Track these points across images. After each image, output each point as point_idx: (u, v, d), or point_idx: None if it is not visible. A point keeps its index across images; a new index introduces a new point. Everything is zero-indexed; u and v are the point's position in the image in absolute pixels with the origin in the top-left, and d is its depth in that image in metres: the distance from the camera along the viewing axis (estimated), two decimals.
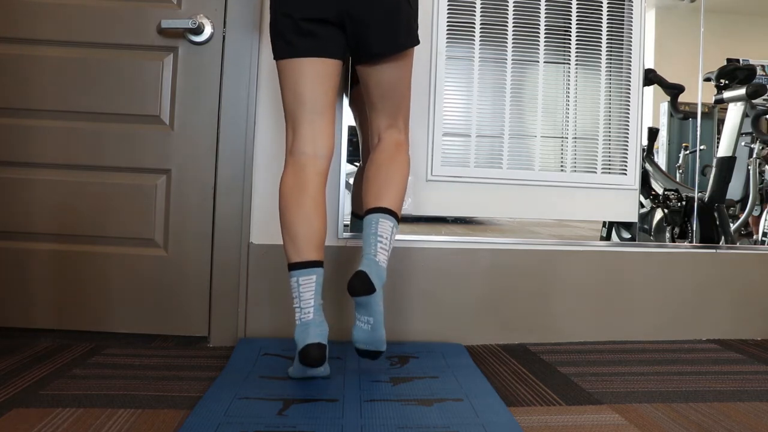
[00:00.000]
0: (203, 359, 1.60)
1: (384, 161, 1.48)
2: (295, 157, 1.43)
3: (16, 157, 1.76)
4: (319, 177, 1.43)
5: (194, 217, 1.78)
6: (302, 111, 1.43)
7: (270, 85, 1.79)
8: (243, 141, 1.77)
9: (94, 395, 1.29)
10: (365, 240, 1.41)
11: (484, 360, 1.65)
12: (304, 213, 1.38)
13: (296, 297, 1.36)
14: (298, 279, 1.36)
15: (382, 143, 1.52)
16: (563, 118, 1.91)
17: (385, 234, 1.40)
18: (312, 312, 1.34)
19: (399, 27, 1.41)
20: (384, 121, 1.52)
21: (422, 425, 1.15)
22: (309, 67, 1.41)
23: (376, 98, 1.50)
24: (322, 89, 1.43)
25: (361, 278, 1.34)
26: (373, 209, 1.42)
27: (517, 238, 1.88)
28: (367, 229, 1.41)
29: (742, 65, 2.03)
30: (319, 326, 1.34)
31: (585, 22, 1.89)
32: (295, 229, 1.38)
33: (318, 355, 1.30)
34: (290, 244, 1.38)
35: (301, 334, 1.33)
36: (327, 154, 1.45)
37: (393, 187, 1.45)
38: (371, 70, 1.46)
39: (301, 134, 1.43)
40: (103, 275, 1.78)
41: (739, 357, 1.74)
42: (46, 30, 1.76)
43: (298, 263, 1.37)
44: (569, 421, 1.22)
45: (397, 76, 1.48)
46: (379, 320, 1.37)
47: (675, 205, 1.99)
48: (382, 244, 1.39)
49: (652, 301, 1.92)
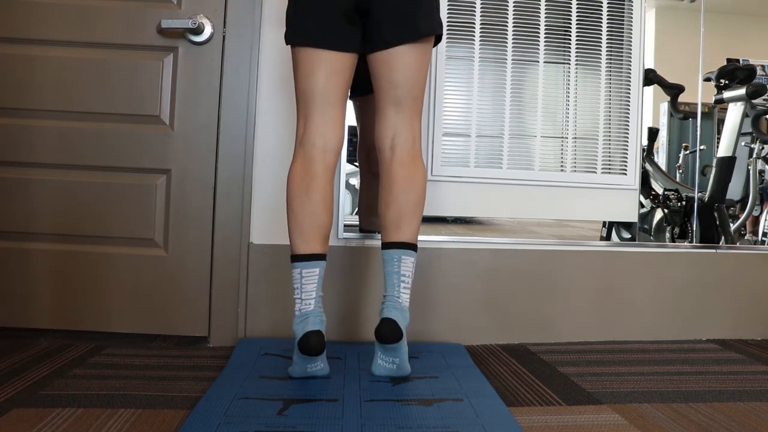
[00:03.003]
0: (203, 359, 1.60)
1: (402, 181, 1.42)
2: (305, 149, 1.42)
3: (16, 157, 1.77)
4: (327, 171, 1.42)
5: (194, 217, 1.78)
6: (315, 102, 1.41)
7: (270, 85, 1.80)
8: (243, 141, 1.77)
9: (94, 395, 1.29)
10: (388, 277, 1.41)
11: (484, 360, 1.65)
12: (311, 206, 1.39)
13: (297, 288, 1.37)
14: (301, 270, 1.37)
15: (397, 155, 1.44)
16: (563, 118, 1.91)
17: (408, 272, 1.41)
18: (312, 303, 1.37)
19: (419, 13, 1.39)
20: (399, 121, 1.45)
21: (422, 425, 1.15)
22: (325, 58, 1.39)
23: (391, 93, 1.43)
24: (336, 82, 1.41)
25: (391, 327, 1.35)
26: (395, 244, 1.41)
27: (517, 238, 1.88)
28: (389, 265, 1.41)
29: (742, 65, 2.03)
30: (319, 316, 1.36)
31: (585, 22, 1.89)
32: (302, 220, 1.39)
33: (317, 342, 1.32)
34: (295, 234, 1.39)
35: (300, 323, 1.35)
36: (336, 147, 1.44)
37: (414, 216, 1.43)
38: (388, 58, 1.41)
39: (312, 125, 1.42)
40: (103, 275, 1.78)
41: (739, 357, 1.74)
42: (46, 30, 1.76)
43: (302, 255, 1.38)
44: (569, 421, 1.22)
45: (414, 68, 1.42)
46: (404, 359, 1.41)
47: (675, 205, 1.99)
48: (405, 284, 1.40)
49: (652, 301, 1.92)
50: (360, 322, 1.79)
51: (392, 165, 1.44)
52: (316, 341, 1.32)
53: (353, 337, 1.79)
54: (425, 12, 1.40)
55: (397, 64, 1.41)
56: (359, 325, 1.79)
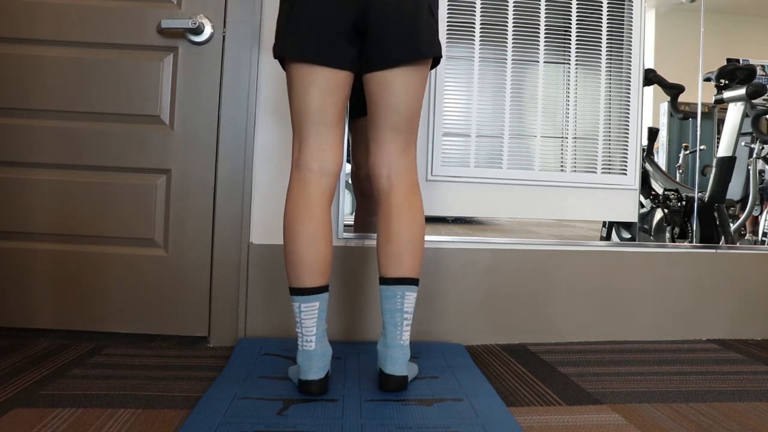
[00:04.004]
0: (203, 359, 1.60)
1: (401, 216, 1.36)
2: (301, 173, 1.35)
3: (16, 157, 1.77)
4: (323, 197, 1.34)
5: (194, 217, 1.78)
6: (309, 122, 1.34)
7: (270, 85, 1.80)
8: (243, 141, 1.77)
9: (94, 395, 1.29)
10: (389, 315, 1.34)
11: (484, 360, 1.65)
12: (307, 235, 1.31)
13: (298, 322, 1.31)
14: (300, 305, 1.31)
15: (395, 187, 1.38)
16: (563, 118, 1.91)
17: (410, 309, 1.35)
18: (314, 342, 1.30)
19: (419, 34, 1.32)
20: (396, 149, 1.38)
21: (422, 425, 1.15)
22: (320, 75, 1.31)
23: (388, 117, 1.36)
24: (332, 101, 1.34)
25: (397, 383, 1.33)
26: (396, 280, 1.34)
27: (517, 238, 1.88)
28: (390, 302, 1.34)
29: (742, 65, 2.03)
30: (322, 358, 1.31)
31: (585, 22, 1.89)
32: (298, 252, 1.31)
33: (318, 391, 1.30)
34: (292, 268, 1.32)
35: (303, 363, 1.31)
36: (334, 170, 1.36)
37: (415, 250, 1.36)
38: (386, 80, 1.34)
39: (307, 147, 1.35)
40: (103, 275, 1.78)
41: (739, 357, 1.74)
42: (46, 30, 1.76)
43: (299, 289, 1.31)
44: (569, 421, 1.22)
45: (413, 92, 1.36)
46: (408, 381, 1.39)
47: (675, 205, 1.99)
48: (407, 321, 1.34)
49: (652, 301, 1.92)
50: (360, 322, 1.80)
51: (390, 197, 1.38)
52: (318, 390, 1.30)
53: (353, 337, 1.79)
54: (425, 34, 1.34)
55: (395, 86, 1.34)
56: (359, 325, 1.79)
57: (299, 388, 1.31)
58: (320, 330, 1.31)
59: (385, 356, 1.33)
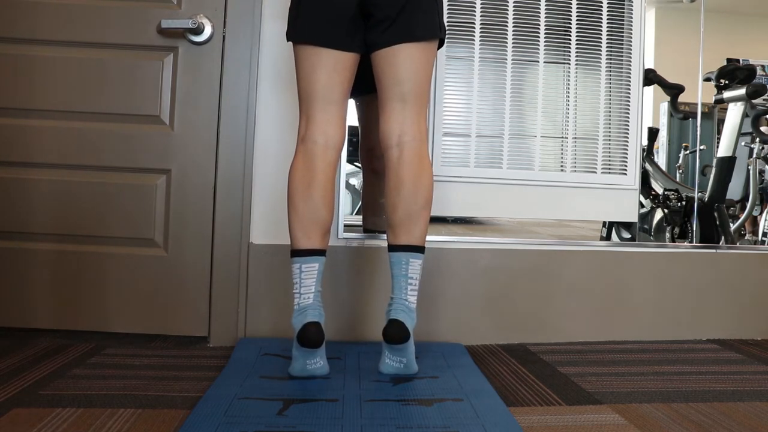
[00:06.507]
0: (203, 359, 1.60)
1: (409, 183, 1.41)
2: (306, 146, 1.43)
3: (16, 157, 1.77)
4: (328, 167, 1.43)
5: (194, 217, 1.78)
6: (316, 100, 1.43)
7: (270, 85, 1.80)
8: (243, 141, 1.77)
9: (94, 395, 1.29)
10: (395, 279, 1.41)
11: (484, 360, 1.65)
12: (312, 201, 1.40)
13: (297, 283, 1.39)
14: (300, 266, 1.39)
15: (405, 155, 1.43)
16: (563, 118, 1.91)
17: (415, 275, 1.42)
18: (311, 297, 1.38)
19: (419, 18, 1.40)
20: (407, 118, 1.43)
21: (422, 425, 1.15)
22: (327, 57, 1.40)
23: (396, 89, 1.43)
24: (337, 80, 1.42)
25: (398, 328, 1.36)
26: (402, 246, 1.41)
27: (517, 238, 1.88)
28: (396, 268, 1.41)
29: (742, 65, 2.03)
30: (317, 309, 1.38)
31: (585, 22, 1.89)
32: (302, 216, 1.40)
33: (316, 334, 1.33)
34: (296, 229, 1.40)
35: (298, 316, 1.36)
36: (338, 143, 1.45)
37: (422, 217, 1.42)
38: (391, 55, 1.41)
39: (314, 122, 1.43)
40: (103, 275, 1.78)
41: (739, 357, 1.74)
42: (46, 30, 1.76)
43: (302, 250, 1.40)
44: (569, 421, 1.22)
45: (418, 64, 1.42)
46: (411, 358, 1.43)
47: (675, 205, 1.99)
48: (412, 286, 1.41)
49: (652, 301, 1.92)
50: (360, 322, 1.80)
51: (400, 165, 1.43)
52: (315, 332, 1.33)
53: (353, 337, 1.79)
54: (426, 16, 1.41)
55: (400, 60, 1.41)
56: (359, 325, 1.79)
57: (298, 338, 1.34)
58: (316, 289, 1.39)
59: (389, 310, 1.40)
